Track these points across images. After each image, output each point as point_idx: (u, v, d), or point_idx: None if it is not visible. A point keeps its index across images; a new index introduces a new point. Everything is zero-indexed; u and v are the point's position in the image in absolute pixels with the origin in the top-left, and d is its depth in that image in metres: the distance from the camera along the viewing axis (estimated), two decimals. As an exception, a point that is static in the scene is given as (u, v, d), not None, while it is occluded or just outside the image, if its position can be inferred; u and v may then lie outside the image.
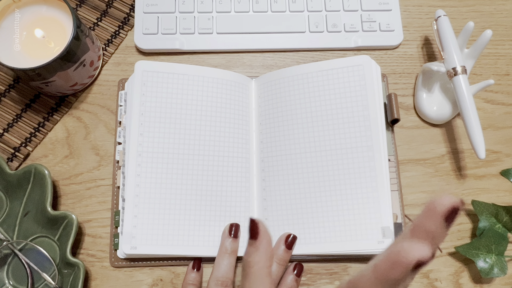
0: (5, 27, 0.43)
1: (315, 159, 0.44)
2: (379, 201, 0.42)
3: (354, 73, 0.44)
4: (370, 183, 0.42)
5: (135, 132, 0.44)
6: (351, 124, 0.43)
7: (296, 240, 0.42)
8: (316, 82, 0.45)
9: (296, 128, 0.45)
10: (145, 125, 0.44)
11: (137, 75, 0.45)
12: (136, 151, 0.43)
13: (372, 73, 0.44)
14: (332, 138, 0.44)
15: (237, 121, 0.46)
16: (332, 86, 0.44)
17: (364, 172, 0.42)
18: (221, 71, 0.46)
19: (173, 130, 0.44)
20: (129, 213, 0.42)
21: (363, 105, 0.43)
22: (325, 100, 0.44)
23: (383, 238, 0.41)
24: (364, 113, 0.43)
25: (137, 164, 0.43)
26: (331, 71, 0.45)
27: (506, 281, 0.45)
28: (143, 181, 0.43)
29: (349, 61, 0.45)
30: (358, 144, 0.43)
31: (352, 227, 0.42)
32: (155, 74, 0.45)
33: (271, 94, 0.46)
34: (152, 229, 0.42)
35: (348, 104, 0.44)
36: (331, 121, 0.44)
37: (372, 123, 0.43)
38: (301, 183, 0.44)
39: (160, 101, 0.44)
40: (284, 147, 0.45)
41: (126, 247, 0.42)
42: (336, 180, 0.43)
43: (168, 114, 0.44)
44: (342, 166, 0.43)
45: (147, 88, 0.44)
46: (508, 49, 0.52)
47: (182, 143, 0.44)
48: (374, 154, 0.43)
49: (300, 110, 0.45)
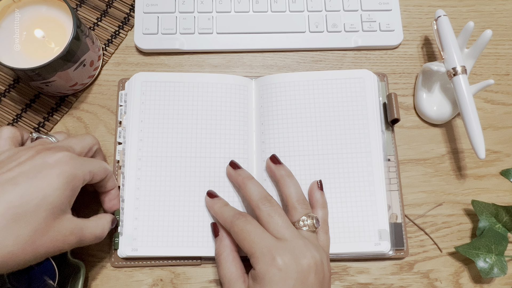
0: (5, 27, 0.43)
1: (316, 162, 0.45)
2: (376, 205, 0.44)
3: (356, 85, 0.47)
4: (368, 187, 0.44)
5: (135, 138, 0.45)
6: (351, 131, 0.46)
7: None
8: (321, 90, 0.47)
9: (298, 131, 0.46)
10: (145, 131, 0.45)
11: (136, 85, 0.46)
12: (136, 155, 0.44)
13: (372, 86, 0.47)
14: (333, 143, 0.45)
15: (235, 122, 0.46)
16: (335, 95, 0.47)
17: (363, 176, 0.44)
18: (218, 75, 0.47)
19: (171, 135, 0.45)
20: (130, 215, 0.43)
21: (363, 114, 0.46)
22: (328, 107, 0.46)
23: (380, 240, 0.43)
24: (364, 121, 0.46)
25: (137, 168, 0.44)
26: (335, 81, 0.47)
27: (506, 281, 0.45)
28: (143, 184, 0.44)
29: (351, 74, 0.48)
30: (358, 150, 0.45)
31: (351, 229, 0.43)
32: (153, 83, 0.46)
33: (275, 96, 0.47)
34: (152, 230, 0.43)
35: (350, 113, 0.46)
36: (332, 127, 0.46)
37: (371, 131, 0.45)
38: (302, 185, 0.44)
39: (159, 108, 0.46)
40: (286, 148, 0.45)
41: (127, 249, 0.42)
42: (336, 184, 0.44)
43: (166, 120, 0.46)
44: (342, 170, 0.45)
45: (146, 97, 0.46)
46: (508, 49, 0.52)
47: (181, 146, 0.45)
48: (372, 160, 0.45)
49: (303, 115, 0.46)
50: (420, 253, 0.45)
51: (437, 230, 0.46)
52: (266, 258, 0.35)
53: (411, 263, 0.45)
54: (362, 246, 0.43)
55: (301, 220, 0.38)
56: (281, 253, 0.35)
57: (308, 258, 0.35)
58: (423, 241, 0.46)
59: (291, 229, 0.37)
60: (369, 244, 0.43)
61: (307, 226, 0.38)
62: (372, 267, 0.45)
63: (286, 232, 0.37)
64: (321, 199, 0.42)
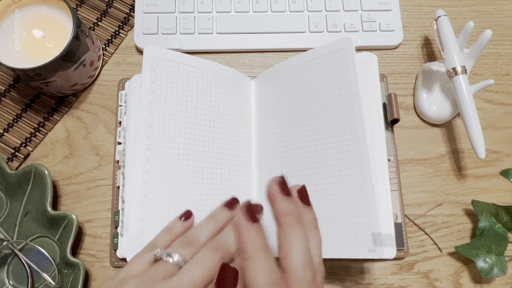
0: (5, 27, 0.43)
1: (304, 155, 0.41)
2: (367, 203, 0.36)
3: (336, 59, 0.40)
4: (357, 181, 0.37)
5: (143, 123, 0.39)
6: (334, 115, 0.39)
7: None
8: (301, 75, 0.42)
9: (286, 125, 0.43)
10: (155, 115, 0.39)
11: (146, 61, 0.41)
12: (145, 144, 0.39)
13: (355, 56, 0.39)
14: (317, 133, 0.40)
15: (240, 119, 0.45)
16: (314, 77, 0.41)
17: (351, 168, 0.37)
18: (228, 68, 0.46)
19: (183, 124, 0.41)
20: (136, 216, 0.38)
21: (346, 93, 0.38)
22: (309, 93, 0.41)
23: (374, 246, 0.36)
24: (348, 101, 0.38)
25: (146, 159, 0.38)
26: (314, 61, 0.41)
27: (506, 281, 0.45)
28: (152, 179, 0.38)
29: (330, 47, 0.40)
30: (343, 138, 0.39)
31: (342, 232, 0.38)
32: (165, 62, 0.41)
33: (266, 92, 0.46)
34: None
35: (331, 94, 0.39)
36: (314, 115, 0.41)
37: (357, 113, 0.38)
38: (296, 182, 0.43)
39: (171, 91, 0.41)
40: (277, 145, 0.44)
41: (131, 256, 0.34)
42: (322, 179, 0.39)
43: (178, 106, 0.41)
44: (326, 163, 0.39)
45: (157, 76, 0.41)
46: (508, 49, 0.52)
47: (191, 138, 0.41)
48: (360, 148, 0.38)
49: (289, 107, 0.42)
50: (420, 253, 0.45)
51: (437, 230, 0.46)
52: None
53: (411, 263, 0.45)
54: (354, 252, 0.37)
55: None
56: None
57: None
58: (423, 241, 0.46)
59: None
60: (362, 250, 0.36)
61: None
62: (372, 267, 0.45)
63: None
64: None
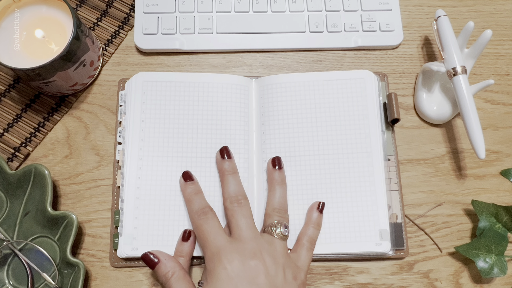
0: (5, 27, 0.43)
1: (317, 162, 0.45)
2: (377, 205, 0.44)
3: (356, 85, 0.47)
4: (369, 187, 0.44)
5: (136, 137, 0.45)
6: (352, 131, 0.46)
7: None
8: (321, 90, 0.47)
9: (299, 131, 0.46)
10: (146, 131, 0.45)
11: (137, 85, 0.46)
12: (137, 155, 0.44)
13: (372, 86, 0.47)
14: (334, 143, 0.45)
15: (236, 122, 0.46)
16: (335, 95, 0.47)
17: (364, 176, 0.44)
18: (219, 75, 0.47)
19: (172, 135, 0.45)
20: (130, 214, 0.43)
21: (363, 114, 0.46)
22: (328, 108, 0.46)
23: (381, 240, 0.43)
24: (364, 121, 0.46)
25: (138, 168, 0.44)
26: (336, 82, 0.47)
27: (506, 281, 0.45)
28: (144, 184, 0.44)
29: (352, 74, 0.47)
30: (359, 150, 0.45)
31: (352, 229, 0.43)
32: (154, 83, 0.46)
33: (276, 96, 0.47)
34: (153, 230, 0.43)
35: (350, 113, 0.46)
36: (333, 128, 0.46)
37: (372, 131, 0.46)
38: (303, 185, 0.44)
39: (160, 108, 0.46)
40: (287, 148, 0.45)
41: (127, 248, 0.42)
42: (337, 183, 0.44)
43: (167, 119, 0.46)
44: (342, 170, 0.45)
45: (147, 96, 0.46)
46: (508, 49, 0.52)
47: (181, 146, 0.45)
48: (372, 160, 0.45)
49: (304, 115, 0.46)
50: (420, 253, 0.45)
51: (437, 230, 0.46)
52: (214, 258, 0.37)
53: (411, 263, 0.45)
54: (363, 246, 0.43)
55: (272, 226, 0.40)
56: (229, 253, 0.36)
57: (257, 259, 0.36)
58: (423, 241, 0.46)
59: (250, 231, 0.38)
60: (370, 244, 0.43)
61: (275, 234, 0.39)
62: (372, 267, 0.45)
63: (244, 233, 0.38)
64: (317, 220, 0.42)
